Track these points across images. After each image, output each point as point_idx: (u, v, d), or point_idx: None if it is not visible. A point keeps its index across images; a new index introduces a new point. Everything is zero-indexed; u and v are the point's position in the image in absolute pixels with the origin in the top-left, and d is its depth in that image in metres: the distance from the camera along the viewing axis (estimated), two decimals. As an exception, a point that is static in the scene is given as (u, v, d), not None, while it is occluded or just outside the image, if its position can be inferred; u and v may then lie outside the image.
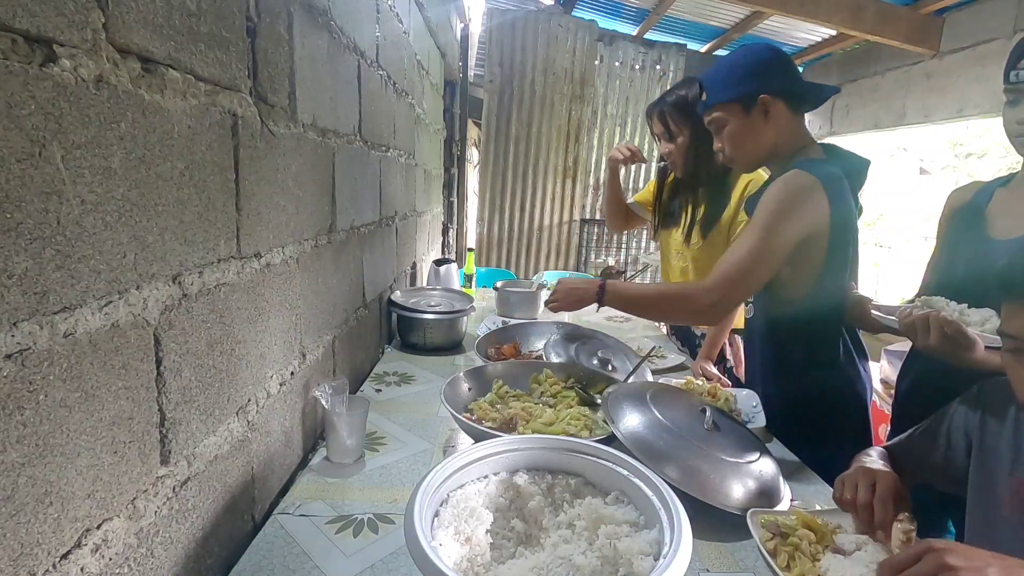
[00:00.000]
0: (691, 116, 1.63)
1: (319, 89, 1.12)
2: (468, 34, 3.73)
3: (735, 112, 1.24)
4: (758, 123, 1.23)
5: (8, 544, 0.44)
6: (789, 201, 1.15)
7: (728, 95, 1.24)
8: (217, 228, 0.75)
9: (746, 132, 1.25)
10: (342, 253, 1.32)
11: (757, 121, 1.23)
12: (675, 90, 1.70)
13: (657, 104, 1.72)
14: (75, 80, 0.49)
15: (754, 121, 1.23)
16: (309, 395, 1.12)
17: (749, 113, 1.23)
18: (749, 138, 1.25)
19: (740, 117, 1.24)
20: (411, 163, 2.17)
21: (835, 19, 3.50)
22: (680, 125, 1.67)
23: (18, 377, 0.45)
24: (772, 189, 1.19)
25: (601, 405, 1.06)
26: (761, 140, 1.25)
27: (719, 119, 1.27)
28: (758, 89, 1.21)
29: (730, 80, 1.24)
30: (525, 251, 4.76)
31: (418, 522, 0.62)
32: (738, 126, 1.25)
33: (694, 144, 1.68)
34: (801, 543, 0.80)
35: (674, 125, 1.68)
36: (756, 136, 1.25)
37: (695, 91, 1.63)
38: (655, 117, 1.72)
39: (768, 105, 1.21)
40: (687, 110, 1.65)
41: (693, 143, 1.67)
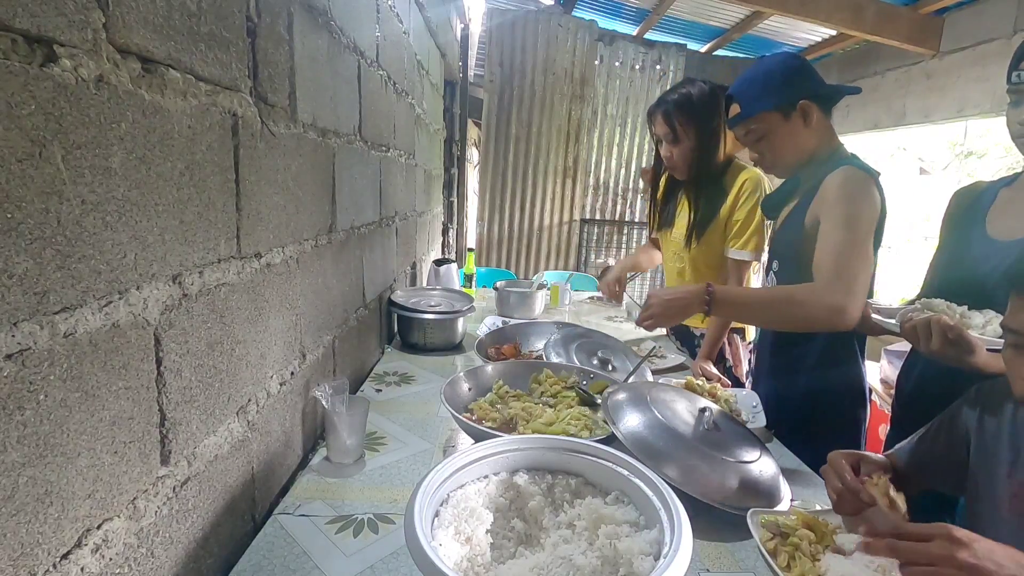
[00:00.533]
0: (696, 118, 1.63)
1: (319, 89, 1.12)
2: (468, 34, 3.73)
3: (775, 120, 1.27)
4: (798, 128, 1.27)
5: (8, 544, 0.44)
6: (858, 196, 1.18)
7: (767, 104, 1.27)
8: (217, 228, 0.75)
9: (787, 138, 1.28)
10: (342, 253, 1.32)
11: (797, 126, 1.27)
12: (677, 90, 1.67)
13: (660, 105, 1.68)
14: (75, 80, 0.49)
15: (794, 126, 1.27)
16: (309, 395, 1.12)
17: (788, 119, 1.27)
18: (791, 143, 1.28)
19: (780, 124, 1.27)
20: (411, 163, 2.17)
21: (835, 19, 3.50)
22: (685, 127, 1.64)
23: (18, 377, 0.45)
24: (834, 186, 1.21)
25: (601, 405, 1.06)
26: (802, 144, 1.29)
27: (758, 129, 1.29)
28: (796, 95, 1.25)
29: (768, 89, 1.27)
30: (525, 251, 4.76)
31: (418, 522, 0.62)
32: (779, 133, 1.28)
33: (698, 147, 1.65)
34: (801, 543, 0.80)
35: (680, 127, 1.64)
36: (797, 141, 1.28)
37: (699, 92, 1.63)
38: (659, 118, 1.67)
39: (807, 110, 1.25)
40: (692, 112, 1.63)
41: (697, 146, 1.65)
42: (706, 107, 1.63)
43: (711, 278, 1.76)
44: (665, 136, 1.67)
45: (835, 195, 1.20)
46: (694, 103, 1.63)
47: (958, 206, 1.21)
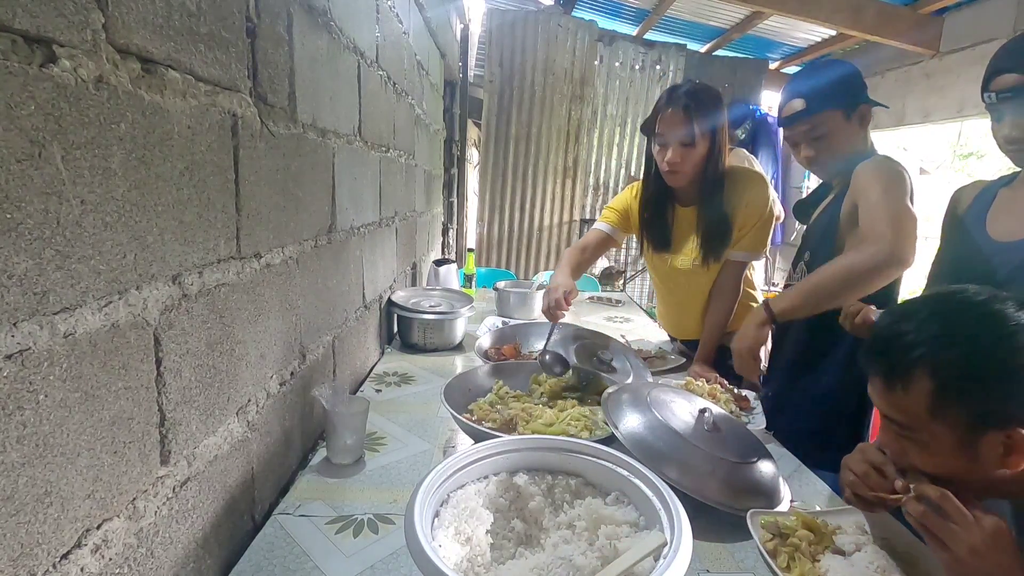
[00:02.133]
0: (712, 117, 1.50)
1: (319, 89, 1.12)
2: (468, 34, 3.73)
3: (838, 119, 1.33)
4: (855, 129, 1.35)
5: (8, 544, 0.44)
6: (892, 174, 1.23)
7: (835, 104, 1.32)
8: (217, 228, 0.75)
9: (845, 137, 1.35)
10: (342, 253, 1.32)
11: (854, 127, 1.35)
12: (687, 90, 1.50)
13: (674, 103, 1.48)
14: (75, 80, 0.49)
15: (852, 127, 1.34)
16: (309, 395, 1.12)
17: (849, 120, 1.33)
18: (846, 143, 1.35)
19: (842, 124, 1.34)
20: (411, 163, 2.17)
21: (835, 19, 3.50)
22: (704, 129, 1.48)
23: (18, 377, 0.45)
24: (867, 171, 1.26)
25: (601, 405, 1.06)
26: (853, 145, 1.35)
27: (820, 126, 1.34)
28: (858, 99, 1.33)
29: (836, 90, 1.33)
30: (525, 251, 4.76)
31: (418, 522, 0.62)
32: (839, 132, 1.34)
33: (708, 153, 1.52)
34: (801, 544, 0.80)
35: (699, 129, 1.47)
36: (852, 141, 1.35)
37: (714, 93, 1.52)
38: (681, 115, 1.47)
39: (864, 114, 1.34)
40: (710, 114, 1.49)
41: (708, 152, 1.51)
42: (720, 111, 1.52)
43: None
44: (681, 138, 1.48)
45: (868, 177, 1.25)
46: (713, 104, 1.50)
47: (958, 206, 1.21)
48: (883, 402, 0.72)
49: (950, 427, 0.66)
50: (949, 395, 0.65)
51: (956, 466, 0.68)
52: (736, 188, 1.57)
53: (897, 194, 1.19)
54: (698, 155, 1.50)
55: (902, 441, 0.72)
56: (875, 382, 0.73)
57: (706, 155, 1.51)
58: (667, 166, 1.52)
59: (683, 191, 1.62)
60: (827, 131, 1.34)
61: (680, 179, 1.54)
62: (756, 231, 1.60)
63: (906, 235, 1.13)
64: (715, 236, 1.58)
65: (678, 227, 1.67)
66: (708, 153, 1.51)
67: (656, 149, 1.56)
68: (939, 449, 0.68)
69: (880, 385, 0.72)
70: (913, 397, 0.67)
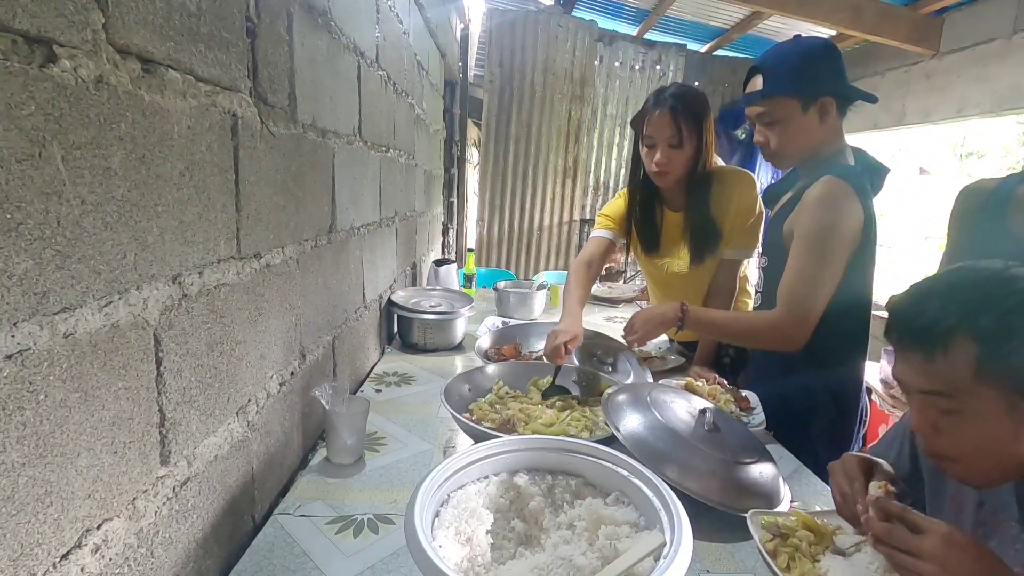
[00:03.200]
0: (700, 123, 1.51)
1: (319, 89, 1.12)
2: (468, 34, 3.73)
3: (792, 108, 1.22)
4: (812, 123, 1.23)
5: (8, 544, 0.44)
6: (832, 215, 1.18)
7: (791, 89, 1.21)
8: (217, 228, 0.75)
9: (799, 130, 1.23)
10: (342, 253, 1.32)
11: (812, 120, 1.22)
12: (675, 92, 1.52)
13: (661, 104, 1.49)
14: (75, 80, 0.49)
15: (809, 120, 1.22)
16: (309, 395, 1.12)
17: (806, 111, 1.22)
18: (801, 136, 1.24)
19: (797, 113, 1.22)
20: (411, 163, 2.17)
21: (835, 19, 3.50)
22: (690, 131, 1.49)
23: (18, 377, 0.45)
24: (810, 202, 1.20)
25: (602, 405, 1.06)
26: (811, 139, 1.25)
27: (773, 112, 1.24)
28: (821, 90, 1.20)
29: (797, 74, 1.20)
30: (525, 251, 4.76)
31: (418, 522, 0.62)
32: (793, 122, 1.23)
33: (695, 155, 1.53)
34: (801, 544, 0.80)
35: (686, 130, 1.49)
36: (808, 135, 1.24)
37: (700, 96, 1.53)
38: (668, 117, 1.48)
39: (826, 107, 1.21)
40: (697, 115, 1.50)
41: (695, 154, 1.53)
42: (706, 112, 1.53)
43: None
44: (669, 139, 1.50)
45: (809, 214, 1.20)
46: (700, 106, 1.51)
47: (968, 204, 1.20)
48: (921, 377, 0.68)
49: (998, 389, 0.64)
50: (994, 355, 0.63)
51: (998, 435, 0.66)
52: (724, 188, 1.58)
53: (823, 258, 1.18)
54: (685, 156, 1.51)
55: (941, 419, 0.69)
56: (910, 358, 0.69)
57: (693, 156, 1.52)
58: (655, 167, 1.53)
59: (671, 193, 1.63)
60: (779, 119, 1.23)
61: (668, 180, 1.55)
62: (748, 230, 1.62)
63: (799, 322, 1.21)
64: (704, 240, 1.59)
65: (667, 231, 1.68)
66: (695, 154, 1.52)
67: (644, 151, 1.57)
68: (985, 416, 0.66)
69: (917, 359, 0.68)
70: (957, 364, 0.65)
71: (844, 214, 1.17)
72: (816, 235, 1.18)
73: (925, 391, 0.69)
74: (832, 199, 1.17)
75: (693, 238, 1.60)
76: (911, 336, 0.70)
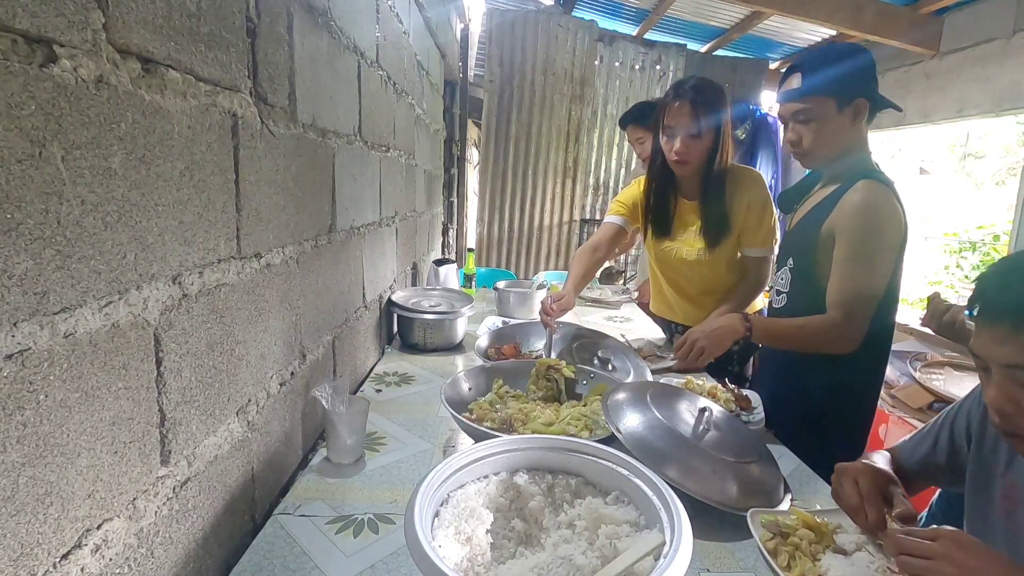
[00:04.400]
0: (716, 112, 1.58)
1: (319, 89, 1.12)
2: (468, 34, 3.73)
3: (828, 107, 1.25)
4: (845, 124, 1.26)
5: (8, 544, 0.44)
6: (877, 217, 1.21)
7: (829, 89, 1.24)
8: (217, 228, 0.75)
9: (832, 130, 1.26)
10: (342, 253, 1.32)
11: (844, 122, 1.25)
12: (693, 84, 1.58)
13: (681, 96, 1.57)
14: (75, 80, 0.49)
15: (843, 121, 1.25)
16: (309, 395, 1.12)
17: (841, 111, 1.24)
18: (834, 136, 1.27)
19: (831, 114, 1.25)
20: (411, 163, 2.17)
21: (835, 19, 3.50)
22: (707, 121, 1.57)
23: (18, 377, 0.45)
24: (852, 205, 1.22)
25: (601, 405, 1.06)
26: (842, 141, 1.27)
27: (809, 110, 1.26)
28: (858, 92, 1.23)
29: (837, 75, 1.23)
30: (525, 251, 4.76)
31: (418, 522, 0.62)
32: (827, 122, 1.26)
33: (713, 146, 1.60)
34: (801, 543, 0.80)
35: (704, 121, 1.56)
36: (840, 136, 1.27)
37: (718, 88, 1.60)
38: (687, 108, 1.55)
39: (860, 109, 1.24)
40: (716, 108, 1.57)
41: (712, 144, 1.60)
42: (724, 105, 1.60)
43: (730, 279, 1.77)
44: (687, 129, 1.57)
45: (853, 218, 1.22)
46: (718, 98, 1.58)
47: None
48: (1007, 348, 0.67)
49: None
50: None
51: None
52: (736, 186, 1.66)
53: (873, 266, 1.21)
54: (704, 146, 1.59)
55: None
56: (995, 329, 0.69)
57: (710, 146, 1.59)
58: (675, 156, 1.60)
59: (687, 183, 1.71)
60: (815, 117, 1.26)
61: (686, 169, 1.63)
62: (768, 228, 1.69)
63: (859, 324, 1.23)
64: (717, 228, 1.67)
65: (680, 217, 1.76)
66: (712, 145, 1.59)
67: (664, 140, 1.64)
68: None
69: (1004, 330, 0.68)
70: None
71: (890, 217, 1.21)
72: (866, 238, 1.21)
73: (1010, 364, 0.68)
74: (878, 203, 1.21)
75: (707, 225, 1.68)
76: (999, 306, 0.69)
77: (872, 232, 1.21)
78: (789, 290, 1.41)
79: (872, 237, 1.21)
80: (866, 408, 1.37)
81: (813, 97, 1.25)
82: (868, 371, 1.35)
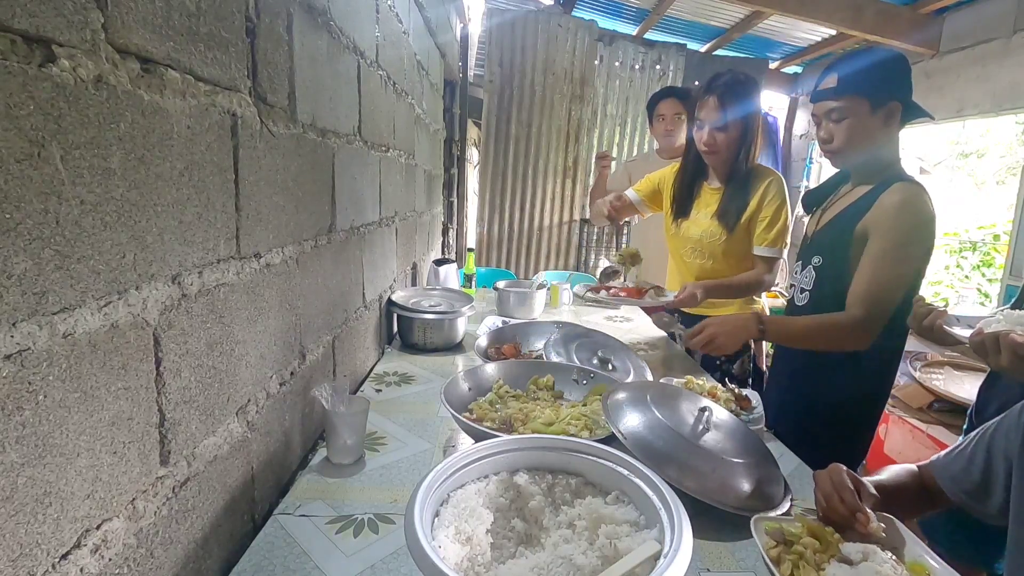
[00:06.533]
0: (744, 107, 1.69)
1: (319, 89, 1.12)
2: (468, 34, 3.73)
3: (862, 107, 1.27)
4: (877, 125, 1.28)
5: (7, 544, 0.44)
6: (914, 219, 1.23)
7: (864, 89, 1.26)
8: (216, 228, 0.75)
9: (864, 130, 1.29)
10: (342, 253, 1.32)
11: (877, 123, 1.28)
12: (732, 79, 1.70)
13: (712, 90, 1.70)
14: (74, 80, 0.49)
15: (875, 122, 1.28)
16: (309, 395, 1.12)
17: (874, 113, 1.27)
18: (865, 137, 1.29)
19: (865, 114, 1.27)
20: (411, 163, 2.17)
21: (835, 19, 3.50)
22: (735, 115, 1.69)
23: (18, 377, 0.45)
24: (891, 206, 1.24)
25: (602, 405, 1.06)
26: (872, 142, 1.30)
27: (843, 109, 1.29)
28: (892, 94, 1.26)
29: (870, 76, 1.27)
30: (525, 251, 4.75)
31: (418, 522, 0.62)
32: (860, 122, 1.28)
33: (741, 138, 1.72)
34: (806, 552, 0.77)
35: (731, 114, 1.69)
36: (871, 137, 1.29)
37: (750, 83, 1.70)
38: (714, 101, 1.69)
39: (893, 112, 1.27)
40: (744, 103, 1.69)
41: (740, 136, 1.72)
42: (753, 100, 1.71)
43: (738, 270, 1.85)
44: (714, 123, 1.71)
45: (892, 218, 1.24)
46: (748, 94, 1.69)
47: None
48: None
49: None
50: None
51: None
52: (759, 182, 1.78)
53: (902, 269, 1.23)
54: (730, 138, 1.73)
55: None
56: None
57: (738, 138, 1.73)
58: (704, 146, 1.75)
59: (716, 170, 1.85)
60: (848, 117, 1.29)
61: (716, 158, 1.78)
62: (778, 229, 1.76)
63: (877, 322, 1.24)
64: (728, 210, 1.80)
65: (700, 199, 1.91)
66: (740, 136, 1.73)
67: (695, 131, 1.79)
68: None
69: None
70: None
71: (928, 221, 1.23)
72: (901, 239, 1.23)
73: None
74: (917, 205, 1.23)
75: (721, 207, 1.81)
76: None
77: (908, 233, 1.23)
78: (812, 289, 1.41)
79: (907, 238, 1.23)
80: (875, 412, 1.37)
81: (848, 96, 1.27)
82: (882, 375, 1.35)
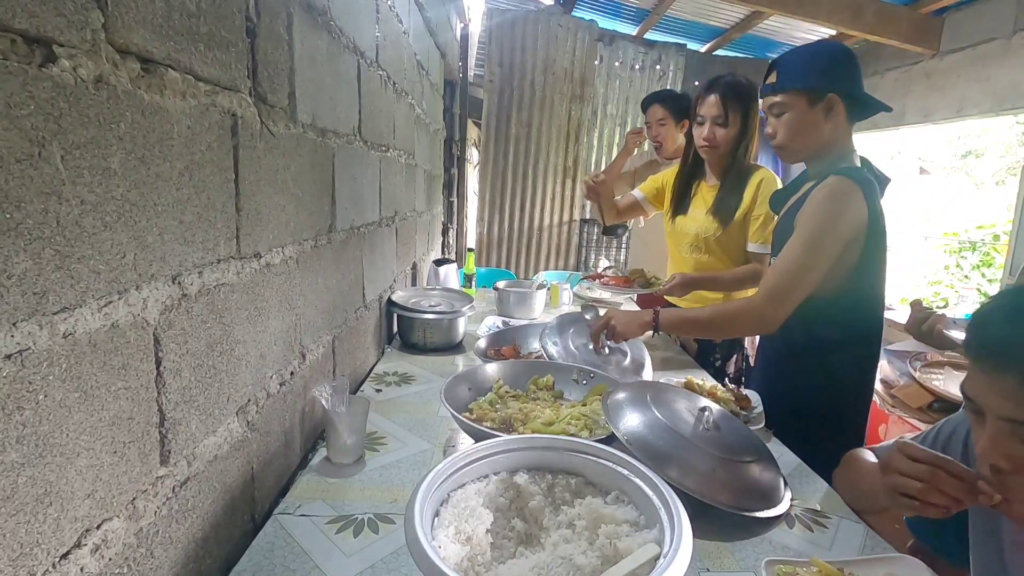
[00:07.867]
0: (744, 105, 1.73)
1: (319, 89, 1.12)
2: (468, 34, 3.73)
3: (800, 102, 1.27)
4: (818, 119, 1.28)
5: (8, 544, 0.44)
6: (833, 210, 1.21)
7: (800, 83, 1.27)
8: (217, 228, 0.75)
9: (804, 124, 1.29)
10: (342, 253, 1.32)
11: (817, 117, 1.27)
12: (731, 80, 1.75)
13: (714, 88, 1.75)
14: (74, 80, 0.49)
15: (815, 116, 1.27)
16: (309, 395, 1.12)
17: (813, 107, 1.27)
18: (805, 131, 1.29)
19: (803, 108, 1.28)
20: (411, 163, 2.17)
21: (835, 19, 3.50)
22: (735, 112, 1.74)
23: (18, 377, 0.45)
24: (816, 198, 1.24)
25: (602, 405, 1.06)
26: (815, 136, 1.29)
27: (783, 104, 1.30)
28: (828, 86, 1.25)
29: (807, 70, 1.27)
30: (525, 251, 4.76)
31: (418, 522, 0.62)
32: (799, 116, 1.29)
33: (739, 136, 1.76)
34: None
35: (731, 112, 1.73)
36: (812, 131, 1.29)
37: (749, 84, 1.74)
38: (716, 99, 1.74)
39: (833, 105, 1.26)
40: (743, 100, 1.73)
41: (739, 134, 1.76)
42: (752, 100, 1.74)
43: (734, 265, 1.89)
44: (715, 119, 1.76)
45: (811, 209, 1.25)
46: (746, 94, 1.73)
47: None
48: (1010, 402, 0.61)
49: None
50: None
51: None
52: (754, 181, 1.81)
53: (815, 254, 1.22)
54: (729, 134, 1.76)
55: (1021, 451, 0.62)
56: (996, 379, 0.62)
57: (736, 136, 1.77)
58: (704, 141, 1.79)
59: (713, 168, 1.89)
60: (787, 111, 1.29)
61: (714, 154, 1.82)
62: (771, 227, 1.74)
63: (775, 305, 1.25)
64: (723, 206, 1.84)
65: (699, 196, 1.95)
66: (738, 134, 1.77)
67: (695, 128, 1.84)
68: None
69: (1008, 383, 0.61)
70: None
71: (845, 210, 1.21)
72: (812, 227, 1.23)
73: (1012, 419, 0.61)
74: (835, 195, 1.22)
75: (717, 203, 1.85)
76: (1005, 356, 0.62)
77: (822, 223, 1.22)
78: None
79: (820, 229, 1.22)
80: (859, 408, 1.37)
81: (785, 91, 1.28)
82: (858, 371, 1.34)
